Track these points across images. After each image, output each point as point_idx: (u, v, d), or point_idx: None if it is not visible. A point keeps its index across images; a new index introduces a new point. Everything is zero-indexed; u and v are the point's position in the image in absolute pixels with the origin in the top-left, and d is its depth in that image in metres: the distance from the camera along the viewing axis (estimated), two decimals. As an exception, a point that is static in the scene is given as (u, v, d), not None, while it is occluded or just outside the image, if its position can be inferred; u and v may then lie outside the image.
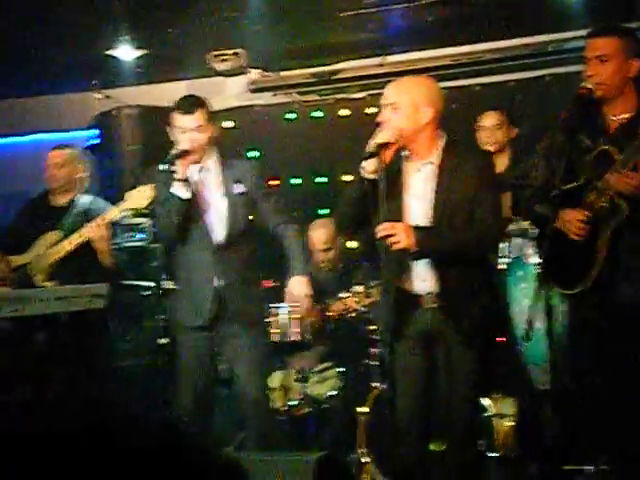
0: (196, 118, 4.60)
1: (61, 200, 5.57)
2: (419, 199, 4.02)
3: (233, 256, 4.70)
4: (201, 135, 4.61)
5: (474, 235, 3.97)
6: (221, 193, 4.72)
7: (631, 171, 3.79)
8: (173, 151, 4.52)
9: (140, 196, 4.89)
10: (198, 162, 4.67)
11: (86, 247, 5.28)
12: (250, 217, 4.77)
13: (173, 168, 4.47)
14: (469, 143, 5.41)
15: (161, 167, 4.48)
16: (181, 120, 4.62)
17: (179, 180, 4.49)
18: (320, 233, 6.27)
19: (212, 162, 4.75)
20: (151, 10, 5.82)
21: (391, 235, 3.84)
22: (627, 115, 3.96)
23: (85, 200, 5.57)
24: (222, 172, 4.74)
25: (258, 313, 4.90)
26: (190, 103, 4.65)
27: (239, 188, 4.72)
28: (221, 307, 4.69)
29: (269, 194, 4.85)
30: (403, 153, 4.04)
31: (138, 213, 5.15)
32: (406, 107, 3.95)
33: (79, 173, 5.65)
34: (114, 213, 5.19)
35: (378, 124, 3.98)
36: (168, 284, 4.94)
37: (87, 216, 5.42)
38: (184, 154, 4.50)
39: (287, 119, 7.57)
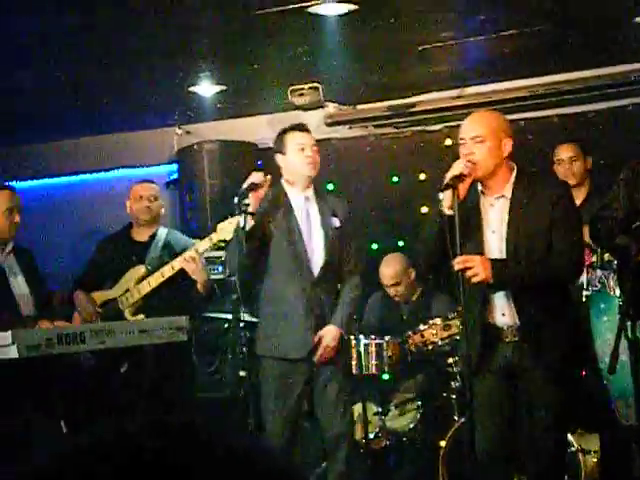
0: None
1: (143, 234, 5.66)
2: (495, 234, 4.01)
3: (329, 288, 4.73)
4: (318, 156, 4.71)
5: (552, 266, 3.94)
6: (319, 224, 4.74)
7: None
8: (245, 184, 4.56)
9: (230, 227, 4.96)
10: (301, 192, 4.70)
11: (171, 281, 5.36)
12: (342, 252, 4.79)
13: (245, 201, 4.49)
14: (543, 174, 5.38)
15: (235, 199, 4.52)
16: (301, 137, 4.72)
17: (245, 212, 4.50)
18: (389, 268, 6.27)
19: (311, 192, 4.78)
20: (231, 45, 5.91)
21: (469, 268, 3.83)
22: None
23: (164, 233, 5.67)
24: (319, 203, 4.77)
25: (343, 347, 4.86)
26: (303, 124, 4.82)
27: (335, 222, 4.74)
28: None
29: (354, 233, 4.87)
30: (479, 188, 4.04)
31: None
32: (490, 140, 3.96)
33: (162, 208, 5.76)
34: (207, 244, 5.26)
35: (458, 157, 3.99)
36: (248, 316, 4.96)
37: (168, 249, 5.51)
38: (255, 186, 4.53)
39: (365, 151, 7.60)
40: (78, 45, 5.65)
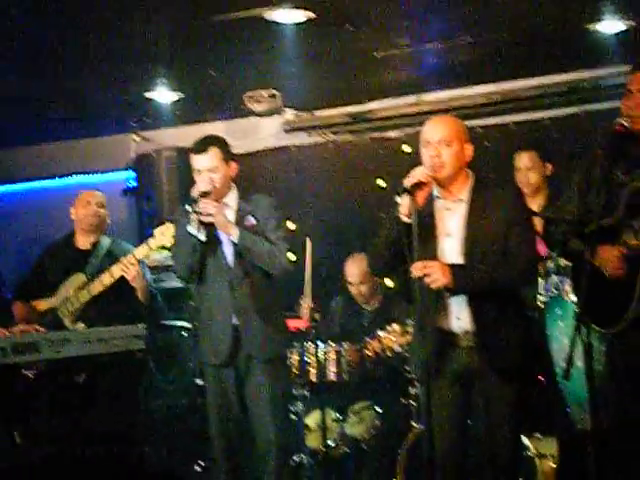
0: (208, 158, 4.64)
1: (87, 242, 5.62)
2: (451, 238, 4.03)
3: (249, 292, 4.71)
4: (216, 175, 4.63)
5: (509, 270, 3.97)
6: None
7: None
8: (192, 193, 4.56)
9: (167, 233, 4.93)
10: (218, 200, 4.70)
11: (113, 288, 5.33)
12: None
13: (197, 209, 4.48)
14: (501, 181, 5.41)
15: (187, 207, 4.51)
16: (195, 160, 4.67)
17: (192, 221, 4.49)
18: (355, 267, 6.30)
19: (232, 199, 4.77)
20: (188, 53, 5.89)
21: (427, 274, 3.85)
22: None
23: (107, 242, 5.63)
24: (237, 208, 4.76)
25: (276, 350, 4.83)
26: (203, 143, 4.69)
27: (250, 220, 4.73)
28: (239, 344, 4.69)
29: (277, 226, 4.79)
30: (435, 193, 4.07)
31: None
32: (456, 143, 3.99)
33: (108, 218, 5.72)
34: (144, 251, 5.24)
35: (416, 163, 4.01)
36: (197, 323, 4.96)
37: (111, 258, 5.48)
38: (203, 195, 4.52)
39: (323, 158, 7.61)
40: (34, 51, 5.60)
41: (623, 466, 4.04)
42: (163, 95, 6.81)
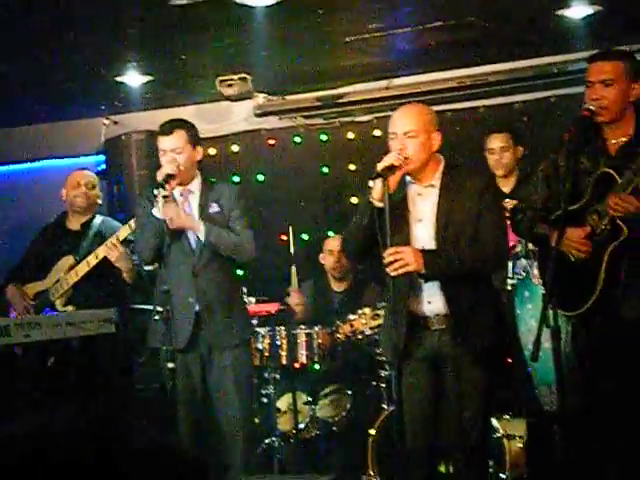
0: (174, 139, 4.67)
1: (77, 223, 5.63)
2: (423, 223, 4.07)
3: (211, 278, 4.73)
4: (180, 157, 4.65)
5: (480, 255, 4.01)
6: (198, 214, 4.78)
7: (631, 194, 3.83)
8: (158, 175, 4.57)
9: None
10: (184, 184, 4.72)
11: (101, 269, 5.33)
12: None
13: (164, 192, 4.49)
14: (471, 164, 5.45)
15: (155, 191, 4.52)
16: (161, 141, 4.71)
17: (157, 203, 4.51)
18: (335, 239, 6.33)
19: (196, 185, 4.81)
20: (158, 36, 5.87)
21: (399, 259, 3.88)
22: (626, 138, 4.00)
23: (97, 222, 5.63)
24: (201, 193, 4.80)
25: (238, 336, 4.86)
26: (170, 124, 4.74)
27: (214, 207, 4.77)
28: (201, 330, 4.71)
29: (241, 214, 4.83)
30: (407, 179, 4.09)
31: None
32: (421, 134, 4.01)
33: (99, 198, 5.73)
34: (126, 231, 5.24)
35: (388, 150, 4.03)
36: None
37: (100, 238, 5.48)
38: (168, 178, 4.53)
39: (295, 142, 7.62)
40: (3, 36, 5.56)
41: (589, 446, 4.10)
42: (133, 79, 6.77)
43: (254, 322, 5.85)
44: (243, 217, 4.82)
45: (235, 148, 7.76)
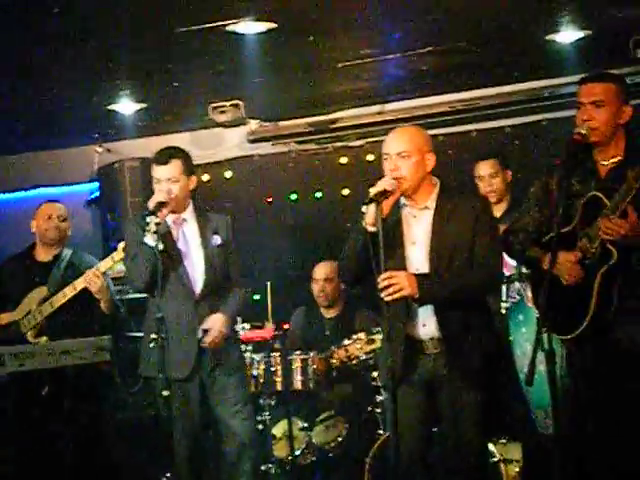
0: (170, 169, 4.69)
1: (47, 254, 5.59)
2: (417, 245, 4.07)
3: (214, 306, 4.75)
4: (174, 186, 4.67)
5: (475, 278, 4.01)
6: (198, 244, 4.80)
7: (620, 217, 3.83)
8: (150, 203, 4.57)
9: None
10: (176, 213, 4.72)
11: (76, 301, 5.31)
12: (226, 268, 4.84)
13: (155, 220, 4.49)
14: (464, 188, 5.46)
15: (147, 219, 4.51)
16: (156, 171, 4.71)
17: (150, 231, 4.49)
18: (322, 266, 6.35)
19: (189, 214, 4.82)
20: (150, 64, 5.89)
21: (394, 284, 3.88)
22: (616, 160, 4.02)
23: (68, 253, 5.60)
24: (199, 223, 4.81)
25: (239, 359, 4.98)
26: (165, 154, 4.74)
27: (217, 240, 4.80)
28: (204, 358, 4.72)
29: (237, 250, 4.94)
30: (402, 202, 4.10)
31: None
32: (415, 155, 4.02)
33: (69, 229, 5.69)
34: (108, 263, 5.23)
35: (382, 174, 4.04)
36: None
37: (72, 270, 5.46)
38: (160, 206, 4.54)
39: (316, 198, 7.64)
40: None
41: (585, 470, 4.09)
42: (126, 107, 6.79)
43: (249, 348, 5.86)
44: (236, 252, 4.93)
45: (228, 174, 7.78)
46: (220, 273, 4.81)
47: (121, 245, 5.08)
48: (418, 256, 4.06)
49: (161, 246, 4.52)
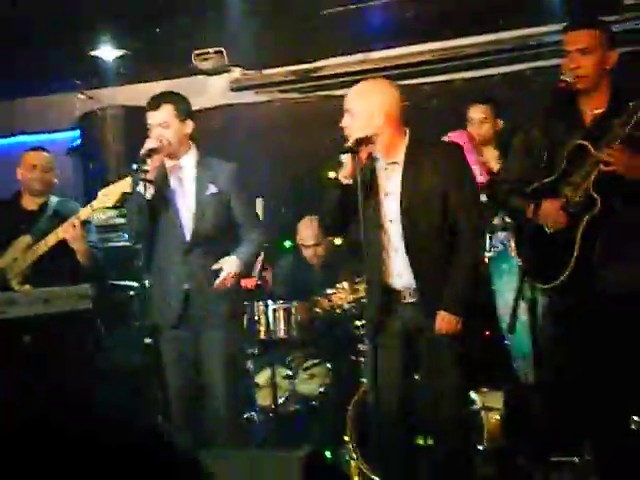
0: (160, 114, 4.58)
1: (34, 203, 5.54)
2: (390, 197, 4.07)
3: (202, 258, 4.66)
4: (166, 132, 4.57)
5: (469, 249, 4.02)
6: (193, 193, 4.71)
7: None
8: (142, 150, 4.50)
9: (110, 194, 4.88)
10: (173, 159, 4.66)
11: (59, 248, 5.28)
12: (221, 218, 4.71)
13: (144, 167, 4.43)
14: (436, 139, 5.44)
15: (134, 166, 4.46)
16: (149, 117, 4.63)
17: (143, 179, 4.44)
18: (309, 229, 6.32)
19: (188, 161, 4.72)
20: (133, 10, 5.81)
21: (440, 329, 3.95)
22: (602, 109, 4.00)
23: (54, 202, 5.56)
24: (197, 172, 4.73)
25: (229, 310, 4.79)
26: (157, 99, 4.64)
27: (211, 189, 4.69)
28: (189, 308, 4.67)
29: (242, 194, 4.78)
30: (376, 154, 4.09)
31: (118, 211, 5.12)
32: (360, 114, 4.00)
33: (55, 178, 5.64)
34: (87, 212, 5.19)
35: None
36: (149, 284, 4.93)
37: (58, 218, 5.41)
38: (151, 152, 4.47)
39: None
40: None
41: (565, 417, 4.13)
42: (108, 53, 6.71)
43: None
44: (243, 196, 4.78)
45: (211, 123, 7.71)
46: (211, 222, 4.68)
47: (100, 193, 5.03)
48: (392, 207, 4.06)
49: (149, 195, 4.47)
